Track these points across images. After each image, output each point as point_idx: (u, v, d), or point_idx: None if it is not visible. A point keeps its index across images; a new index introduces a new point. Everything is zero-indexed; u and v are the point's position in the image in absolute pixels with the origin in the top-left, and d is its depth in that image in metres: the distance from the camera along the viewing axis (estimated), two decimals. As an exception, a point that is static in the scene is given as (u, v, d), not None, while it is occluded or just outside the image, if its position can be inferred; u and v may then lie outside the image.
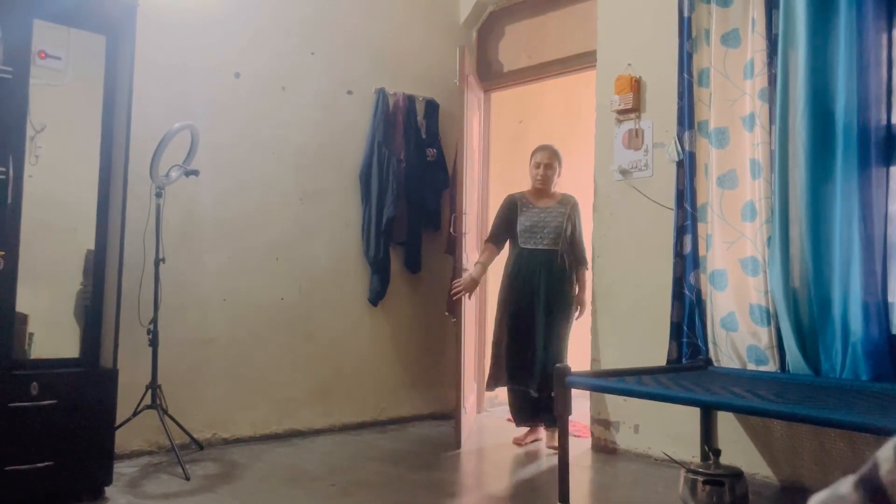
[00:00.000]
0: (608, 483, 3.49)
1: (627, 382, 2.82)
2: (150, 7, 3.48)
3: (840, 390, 2.67)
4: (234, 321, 3.96)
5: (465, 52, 4.12)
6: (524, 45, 4.84)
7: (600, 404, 3.96)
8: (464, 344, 4.06)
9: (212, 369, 3.87)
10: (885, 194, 2.88)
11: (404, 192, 4.54)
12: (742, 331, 3.25)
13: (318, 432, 4.20)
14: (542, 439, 4.07)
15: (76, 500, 2.88)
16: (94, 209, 3.05)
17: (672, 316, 3.50)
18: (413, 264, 4.64)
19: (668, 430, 3.60)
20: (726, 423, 3.30)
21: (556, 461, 2.87)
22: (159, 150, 3.40)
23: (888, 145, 2.89)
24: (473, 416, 4.70)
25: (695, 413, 3.23)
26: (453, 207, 4.40)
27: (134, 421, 3.39)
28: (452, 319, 4.33)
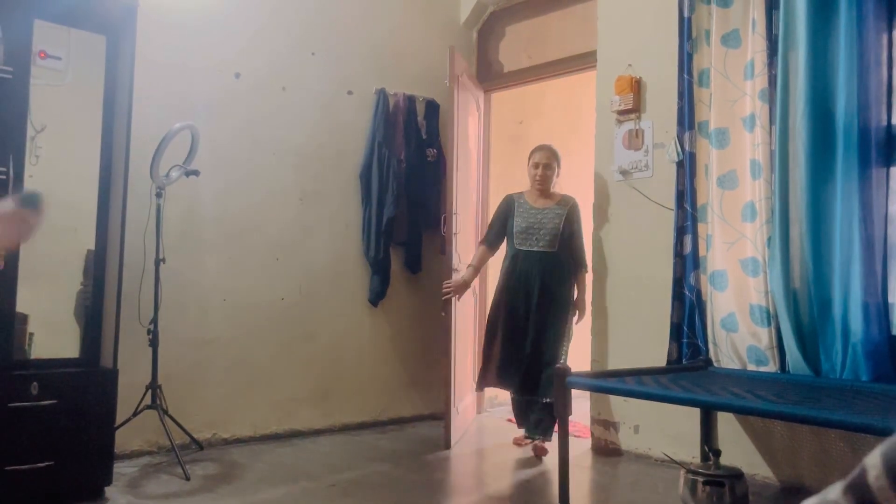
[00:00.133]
0: (608, 483, 3.49)
1: (627, 383, 2.82)
2: (150, 7, 3.49)
3: (840, 391, 2.67)
4: (235, 321, 3.96)
5: (454, 53, 4.11)
6: (524, 45, 4.84)
7: (600, 405, 3.96)
8: (455, 344, 4.03)
9: (212, 369, 3.87)
10: (885, 195, 2.88)
11: (405, 193, 4.54)
12: (742, 331, 3.25)
13: (318, 432, 4.20)
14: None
15: (76, 500, 2.87)
16: (95, 209, 3.06)
17: (672, 316, 3.50)
18: (413, 264, 4.64)
19: (668, 431, 3.60)
20: (726, 423, 3.30)
21: (554, 462, 2.86)
22: (160, 151, 3.40)
23: (888, 146, 2.89)
24: (472, 416, 4.70)
25: (695, 413, 3.23)
26: (443, 208, 4.38)
27: (134, 421, 3.39)
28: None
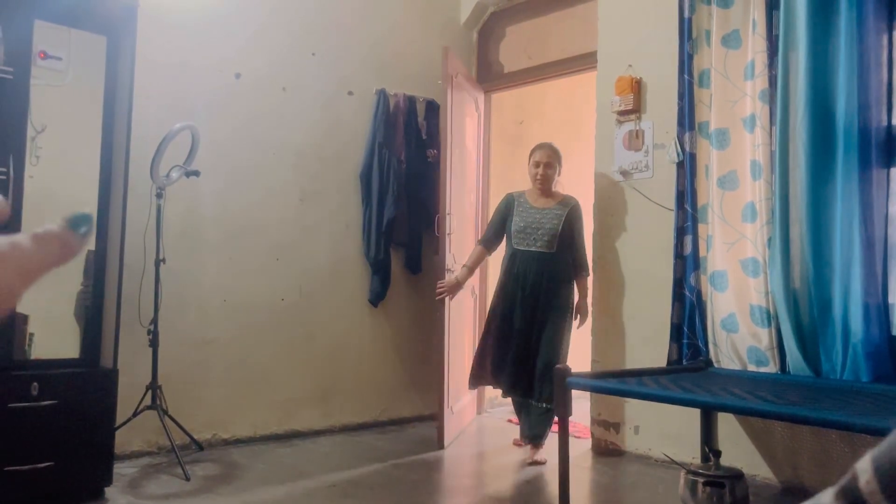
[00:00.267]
0: (608, 484, 3.49)
1: (628, 383, 2.81)
2: (150, 7, 3.49)
3: (840, 391, 2.67)
4: (235, 322, 3.96)
5: (448, 53, 4.11)
6: (525, 45, 4.84)
7: (601, 405, 3.95)
8: (449, 344, 4.03)
9: (212, 370, 3.87)
10: (885, 195, 2.88)
11: (405, 193, 4.54)
12: (742, 332, 3.25)
13: (318, 433, 4.20)
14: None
15: (76, 500, 2.88)
16: (95, 209, 3.06)
17: (672, 317, 3.50)
18: (413, 265, 4.64)
19: (668, 432, 3.60)
20: (727, 424, 3.30)
21: (554, 463, 2.86)
22: (160, 151, 3.40)
23: (888, 146, 2.89)
24: (471, 416, 4.69)
25: (695, 414, 3.23)
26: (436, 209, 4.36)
27: (134, 421, 3.39)
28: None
